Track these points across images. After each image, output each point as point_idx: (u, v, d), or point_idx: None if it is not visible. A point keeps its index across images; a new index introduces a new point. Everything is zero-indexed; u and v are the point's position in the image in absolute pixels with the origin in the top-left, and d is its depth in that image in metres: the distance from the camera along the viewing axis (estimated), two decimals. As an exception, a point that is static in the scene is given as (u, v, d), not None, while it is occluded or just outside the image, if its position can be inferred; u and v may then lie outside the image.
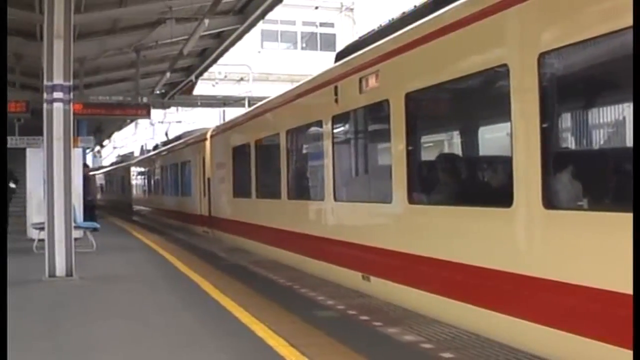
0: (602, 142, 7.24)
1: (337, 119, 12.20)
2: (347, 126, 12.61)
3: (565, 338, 6.38)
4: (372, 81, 10.55)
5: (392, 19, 11.51)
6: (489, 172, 8.87)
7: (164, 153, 34.88)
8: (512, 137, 7.18)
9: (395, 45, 9.88)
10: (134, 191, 46.38)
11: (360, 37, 13.12)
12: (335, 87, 11.90)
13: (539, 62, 6.70)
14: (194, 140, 27.31)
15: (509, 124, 7.24)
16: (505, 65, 7.26)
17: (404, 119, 9.48)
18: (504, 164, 7.43)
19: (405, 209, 9.56)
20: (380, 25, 11.88)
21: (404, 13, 11.03)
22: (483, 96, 8.72)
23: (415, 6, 10.66)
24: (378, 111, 10.70)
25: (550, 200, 6.61)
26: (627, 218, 5.70)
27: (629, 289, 5.62)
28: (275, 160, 15.39)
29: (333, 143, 12.32)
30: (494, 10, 7.45)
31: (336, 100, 11.87)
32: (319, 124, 12.90)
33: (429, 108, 10.01)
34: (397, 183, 9.69)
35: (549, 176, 6.68)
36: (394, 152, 9.87)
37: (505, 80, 7.26)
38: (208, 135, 24.11)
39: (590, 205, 6.53)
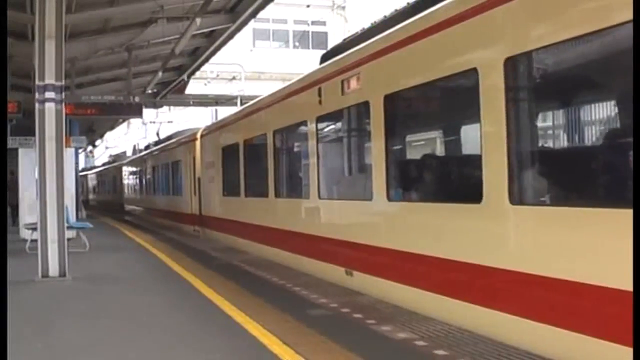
0: (565, 142, 7.60)
1: (321, 120, 12.50)
2: (330, 127, 12.93)
3: (535, 328, 6.70)
4: (353, 83, 10.85)
5: (374, 22, 11.84)
6: (461, 170, 9.17)
7: (155, 153, 35.02)
8: (482, 137, 7.50)
9: (374, 48, 10.19)
10: (126, 191, 46.41)
11: (343, 40, 13.42)
12: (319, 89, 12.19)
13: (504, 66, 7.04)
14: (184, 140, 27.44)
15: (478, 124, 7.57)
16: (474, 69, 7.58)
17: (382, 120, 9.79)
18: (474, 162, 7.71)
19: (385, 205, 9.87)
20: (363, 29, 12.21)
21: (385, 16, 11.36)
22: (454, 98, 9.05)
23: (395, 10, 10.99)
24: (359, 112, 11.03)
25: (515, 196, 6.96)
26: (588, 212, 6.09)
27: (591, 280, 6.01)
28: (262, 159, 15.61)
29: (317, 143, 12.60)
30: (464, 16, 7.78)
31: (320, 102, 12.16)
32: (304, 124, 13.19)
33: (406, 109, 10.30)
34: (377, 181, 9.99)
35: (514, 173, 7.01)
36: (373, 152, 10.17)
37: (475, 83, 7.56)
38: (198, 135, 24.29)
39: (552, 200, 6.88)
